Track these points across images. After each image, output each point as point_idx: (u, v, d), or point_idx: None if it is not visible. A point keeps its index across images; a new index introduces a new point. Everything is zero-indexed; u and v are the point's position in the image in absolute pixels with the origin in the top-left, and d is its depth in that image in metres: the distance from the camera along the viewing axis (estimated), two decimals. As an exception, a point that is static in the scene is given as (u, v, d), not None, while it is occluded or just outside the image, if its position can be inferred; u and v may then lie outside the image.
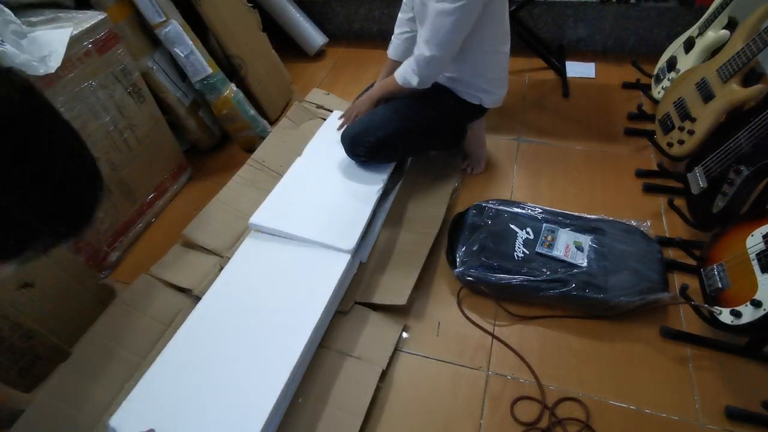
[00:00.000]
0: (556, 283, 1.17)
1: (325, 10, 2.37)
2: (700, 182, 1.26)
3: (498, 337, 1.17)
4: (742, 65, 1.23)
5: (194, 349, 1.09)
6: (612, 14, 2.02)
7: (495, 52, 1.31)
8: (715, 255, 1.10)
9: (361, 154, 1.43)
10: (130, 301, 1.23)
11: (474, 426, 1.03)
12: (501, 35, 1.30)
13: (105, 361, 1.12)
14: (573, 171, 1.59)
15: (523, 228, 1.31)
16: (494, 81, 1.38)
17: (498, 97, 1.41)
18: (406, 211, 1.47)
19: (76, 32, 1.22)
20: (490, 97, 1.40)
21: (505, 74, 1.40)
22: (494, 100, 1.41)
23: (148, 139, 1.52)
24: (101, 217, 1.39)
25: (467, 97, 1.39)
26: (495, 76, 1.37)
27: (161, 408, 0.99)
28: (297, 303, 1.15)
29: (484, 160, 1.62)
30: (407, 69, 1.29)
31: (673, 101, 1.46)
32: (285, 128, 1.74)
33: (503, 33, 1.31)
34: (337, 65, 2.27)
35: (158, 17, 1.49)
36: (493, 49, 1.31)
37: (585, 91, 1.92)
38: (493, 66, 1.34)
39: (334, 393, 1.07)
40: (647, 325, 1.16)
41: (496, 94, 1.40)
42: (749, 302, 0.94)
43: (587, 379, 1.08)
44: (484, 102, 1.40)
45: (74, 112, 1.26)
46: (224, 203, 1.47)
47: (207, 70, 1.61)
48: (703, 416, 1.01)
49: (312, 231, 1.29)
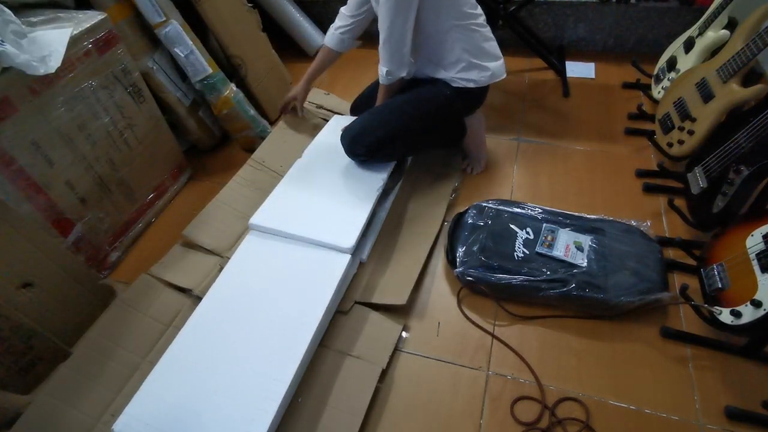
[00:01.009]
0: (556, 283, 1.17)
1: (325, 10, 2.37)
2: (700, 182, 1.26)
3: (498, 337, 1.17)
4: (742, 65, 1.23)
5: (196, 351, 1.09)
6: (612, 14, 2.02)
7: (462, 26, 1.30)
8: (715, 255, 1.10)
9: (361, 154, 1.43)
10: (130, 301, 1.23)
11: (474, 426, 1.03)
12: (464, 7, 1.29)
13: (105, 361, 1.12)
14: (573, 171, 1.59)
15: (523, 228, 1.31)
16: (479, 54, 1.34)
17: (491, 72, 1.37)
18: (406, 210, 1.47)
19: (76, 32, 1.22)
20: (483, 73, 1.36)
21: (488, 45, 1.37)
22: (488, 75, 1.37)
23: (148, 139, 1.52)
24: (101, 217, 1.39)
25: (461, 83, 1.37)
26: (477, 49, 1.34)
27: (165, 411, 0.99)
28: (298, 303, 1.15)
29: (484, 160, 1.62)
30: (379, 66, 1.33)
31: (673, 101, 1.46)
32: (285, 128, 1.74)
33: (467, 4, 1.30)
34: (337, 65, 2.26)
35: (158, 17, 1.49)
36: (460, 25, 1.29)
37: (585, 91, 1.92)
38: (470, 40, 1.32)
39: (334, 393, 1.07)
40: (647, 325, 1.16)
41: (488, 68, 1.36)
42: (749, 302, 0.94)
43: (587, 379, 1.08)
44: (479, 82, 1.37)
45: (74, 112, 1.26)
46: (224, 203, 1.47)
47: (207, 70, 1.61)
48: (702, 416, 1.01)
49: (312, 231, 1.29)
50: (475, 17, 1.33)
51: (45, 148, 1.20)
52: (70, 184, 1.28)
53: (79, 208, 1.32)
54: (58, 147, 1.23)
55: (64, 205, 1.27)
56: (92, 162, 1.34)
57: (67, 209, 1.28)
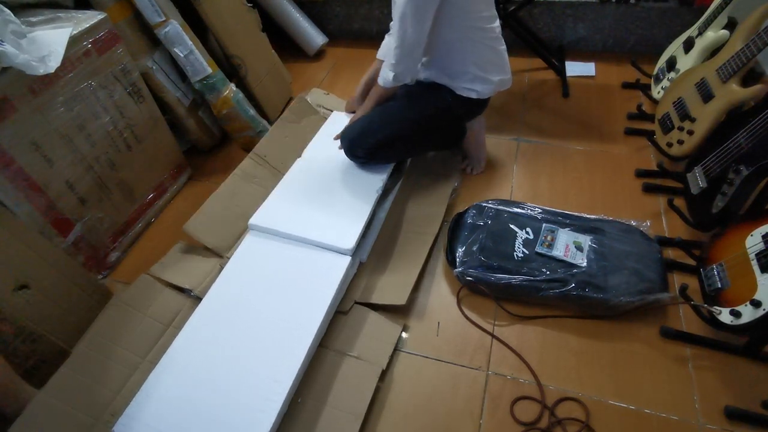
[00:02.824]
0: (556, 283, 1.17)
1: (325, 10, 2.37)
2: (699, 182, 1.26)
3: (497, 337, 1.17)
4: (741, 65, 1.23)
5: (196, 352, 1.09)
6: (612, 14, 2.02)
7: (476, 39, 1.28)
8: (715, 255, 1.10)
9: (361, 156, 1.43)
10: (130, 301, 1.23)
11: (474, 426, 1.03)
12: (481, 21, 1.27)
13: (105, 361, 1.12)
14: (573, 171, 1.59)
15: (522, 228, 1.31)
16: (487, 68, 1.33)
17: (494, 85, 1.36)
18: (406, 211, 1.47)
19: (75, 32, 1.22)
20: (487, 86, 1.35)
21: (500, 60, 1.36)
22: (491, 88, 1.37)
23: (148, 139, 1.52)
24: (101, 217, 1.39)
25: (463, 92, 1.37)
26: (485, 63, 1.33)
27: (165, 412, 0.99)
28: (298, 305, 1.16)
29: (483, 160, 1.62)
30: (384, 67, 1.30)
31: (672, 101, 1.46)
32: (287, 122, 1.73)
33: (484, 19, 1.27)
34: (337, 65, 2.27)
35: (158, 17, 1.49)
36: (474, 37, 1.28)
37: (585, 91, 1.92)
38: (481, 53, 1.31)
39: (333, 393, 1.07)
40: (647, 325, 1.16)
41: (492, 82, 1.35)
42: (749, 302, 0.95)
43: (587, 379, 1.08)
44: (482, 93, 1.36)
45: (74, 112, 1.26)
46: (224, 198, 1.46)
47: (207, 70, 1.61)
48: (702, 416, 1.01)
49: (312, 231, 1.29)
50: (490, 31, 1.30)
51: (44, 148, 1.20)
52: (69, 184, 1.28)
53: (78, 208, 1.32)
54: (57, 147, 1.23)
55: (64, 205, 1.27)
56: (92, 162, 1.34)
57: (66, 209, 1.28)
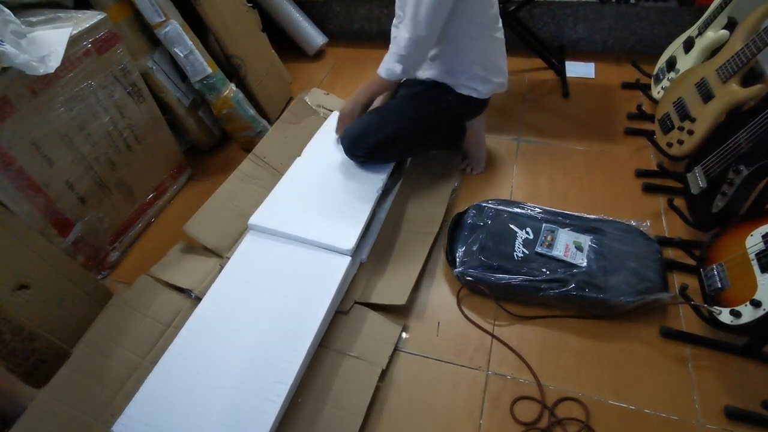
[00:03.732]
0: (556, 283, 1.17)
1: (325, 10, 2.37)
2: (699, 182, 1.26)
3: (497, 337, 1.17)
4: (741, 65, 1.23)
5: (196, 352, 1.09)
6: (612, 14, 2.02)
7: (484, 36, 1.30)
8: (715, 255, 1.10)
9: (360, 155, 1.43)
10: (130, 301, 1.23)
11: (474, 426, 1.03)
12: (489, 19, 1.29)
13: (105, 361, 1.12)
14: (573, 171, 1.59)
15: (522, 228, 1.31)
16: (490, 67, 1.35)
17: (494, 85, 1.38)
18: (406, 210, 1.47)
19: (75, 32, 1.22)
20: (487, 86, 1.37)
21: (500, 61, 1.38)
22: (491, 88, 1.38)
23: (148, 139, 1.52)
24: (101, 217, 1.39)
25: (464, 90, 1.37)
26: (489, 62, 1.34)
27: (165, 412, 0.99)
28: (298, 305, 1.16)
29: (483, 160, 1.62)
30: (389, 59, 1.28)
31: (672, 101, 1.46)
32: (286, 123, 1.73)
33: (491, 17, 1.29)
34: (337, 65, 2.27)
35: (158, 17, 1.49)
36: (482, 34, 1.29)
37: (585, 91, 1.92)
38: (485, 51, 1.33)
39: (333, 393, 1.07)
40: (647, 325, 1.16)
41: (492, 82, 1.37)
42: (749, 302, 0.95)
43: (587, 379, 1.08)
44: (482, 93, 1.38)
45: (74, 112, 1.26)
46: (224, 199, 1.46)
47: (207, 70, 1.61)
48: (702, 416, 1.01)
49: (312, 231, 1.29)
50: (496, 30, 1.32)
51: (44, 148, 1.20)
52: (69, 183, 1.28)
53: (78, 208, 1.32)
54: (57, 147, 1.23)
55: (64, 205, 1.27)
56: (92, 162, 1.34)
57: (66, 209, 1.28)
